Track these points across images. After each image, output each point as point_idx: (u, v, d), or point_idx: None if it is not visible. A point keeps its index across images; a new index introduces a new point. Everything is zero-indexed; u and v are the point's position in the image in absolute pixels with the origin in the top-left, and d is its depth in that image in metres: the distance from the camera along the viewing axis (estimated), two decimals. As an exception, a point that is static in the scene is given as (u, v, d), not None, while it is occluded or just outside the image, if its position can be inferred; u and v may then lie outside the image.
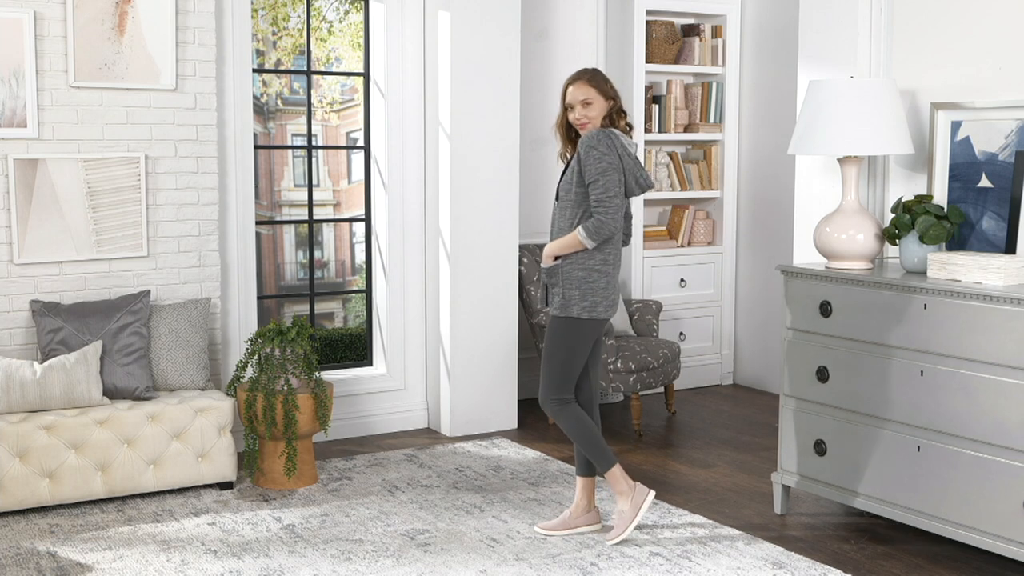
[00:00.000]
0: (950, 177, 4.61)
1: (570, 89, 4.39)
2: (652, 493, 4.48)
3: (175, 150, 5.41)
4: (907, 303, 4.26)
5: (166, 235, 5.42)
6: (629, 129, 4.41)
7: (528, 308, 6.39)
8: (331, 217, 8.09)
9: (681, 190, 7.18)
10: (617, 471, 4.47)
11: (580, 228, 4.26)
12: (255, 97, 7.43)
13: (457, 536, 4.54)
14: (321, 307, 7.93)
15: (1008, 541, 3.97)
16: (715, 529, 4.63)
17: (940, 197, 4.64)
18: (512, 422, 6.26)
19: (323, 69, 7.45)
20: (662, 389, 6.96)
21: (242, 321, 5.77)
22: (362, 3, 6.22)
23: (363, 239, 6.38)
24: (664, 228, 7.25)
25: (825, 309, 4.57)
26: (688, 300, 7.24)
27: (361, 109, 6.28)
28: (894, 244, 4.58)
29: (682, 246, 7.22)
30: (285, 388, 5.08)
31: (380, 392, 6.21)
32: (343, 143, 8.05)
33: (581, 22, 6.88)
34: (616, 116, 4.38)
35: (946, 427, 4.15)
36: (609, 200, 4.22)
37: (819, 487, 4.67)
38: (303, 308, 7.10)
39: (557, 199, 4.43)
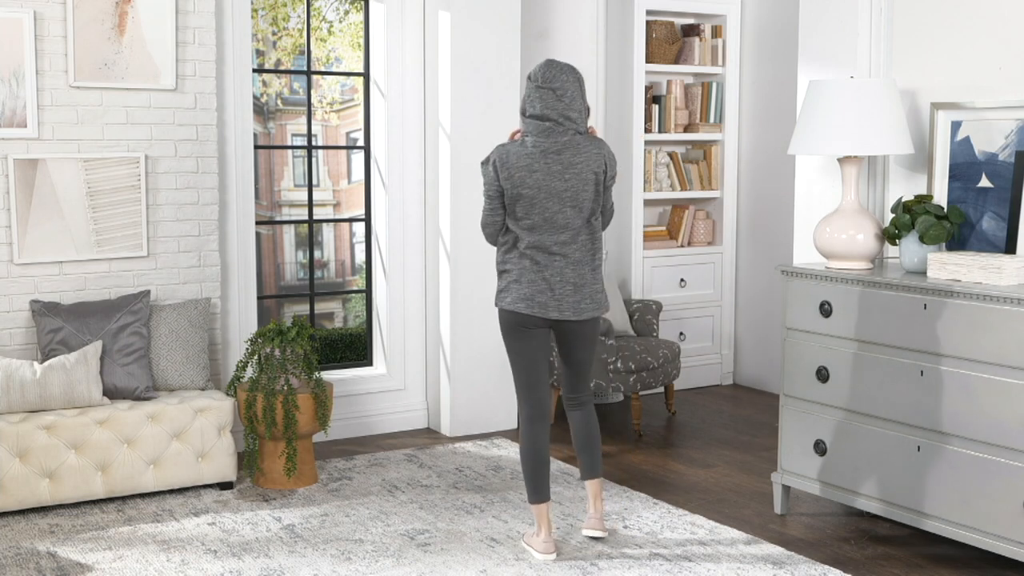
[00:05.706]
0: (950, 177, 4.61)
1: None
2: (551, 556, 4.25)
3: (175, 150, 5.42)
4: (907, 303, 4.26)
5: (166, 235, 5.42)
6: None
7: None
8: (331, 217, 8.09)
9: (681, 190, 7.18)
10: (543, 509, 4.27)
11: None
12: (255, 97, 7.43)
13: (457, 536, 4.54)
14: (321, 307, 7.93)
15: (1008, 541, 3.97)
16: (715, 529, 4.63)
17: (940, 197, 4.63)
18: (512, 422, 6.26)
19: (323, 69, 7.45)
20: (662, 389, 6.96)
21: (242, 321, 5.77)
22: (362, 3, 6.22)
23: (363, 239, 6.38)
24: (664, 228, 7.25)
25: (825, 309, 4.57)
26: (688, 300, 7.24)
27: (361, 109, 6.28)
28: (894, 244, 4.58)
29: (682, 246, 7.22)
30: (285, 388, 5.08)
31: (380, 392, 6.21)
32: (343, 143, 8.05)
33: (581, 22, 6.88)
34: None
35: (946, 427, 4.15)
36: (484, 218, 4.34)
37: (819, 487, 4.67)
38: (303, 308, 7.10)
39: None
